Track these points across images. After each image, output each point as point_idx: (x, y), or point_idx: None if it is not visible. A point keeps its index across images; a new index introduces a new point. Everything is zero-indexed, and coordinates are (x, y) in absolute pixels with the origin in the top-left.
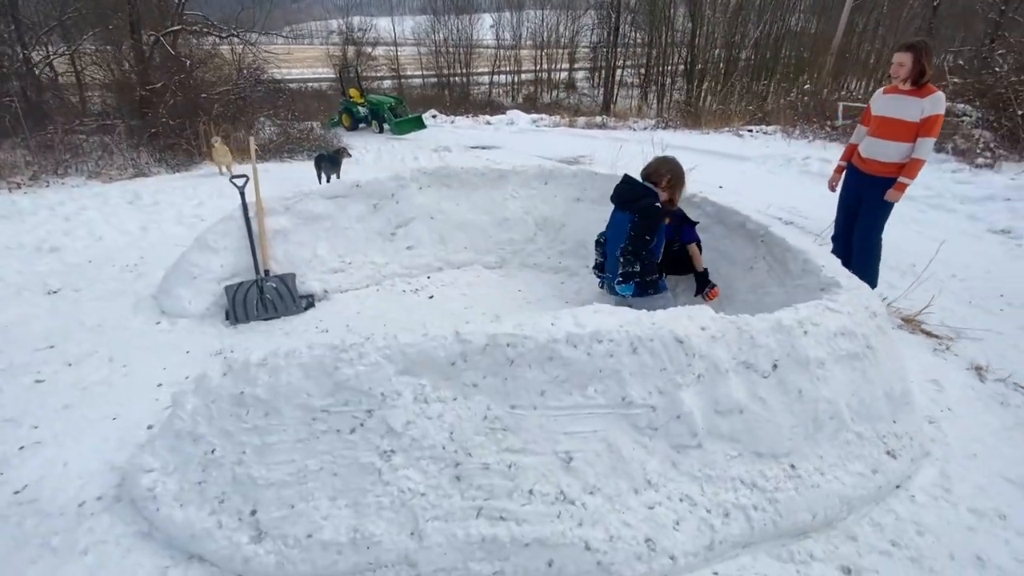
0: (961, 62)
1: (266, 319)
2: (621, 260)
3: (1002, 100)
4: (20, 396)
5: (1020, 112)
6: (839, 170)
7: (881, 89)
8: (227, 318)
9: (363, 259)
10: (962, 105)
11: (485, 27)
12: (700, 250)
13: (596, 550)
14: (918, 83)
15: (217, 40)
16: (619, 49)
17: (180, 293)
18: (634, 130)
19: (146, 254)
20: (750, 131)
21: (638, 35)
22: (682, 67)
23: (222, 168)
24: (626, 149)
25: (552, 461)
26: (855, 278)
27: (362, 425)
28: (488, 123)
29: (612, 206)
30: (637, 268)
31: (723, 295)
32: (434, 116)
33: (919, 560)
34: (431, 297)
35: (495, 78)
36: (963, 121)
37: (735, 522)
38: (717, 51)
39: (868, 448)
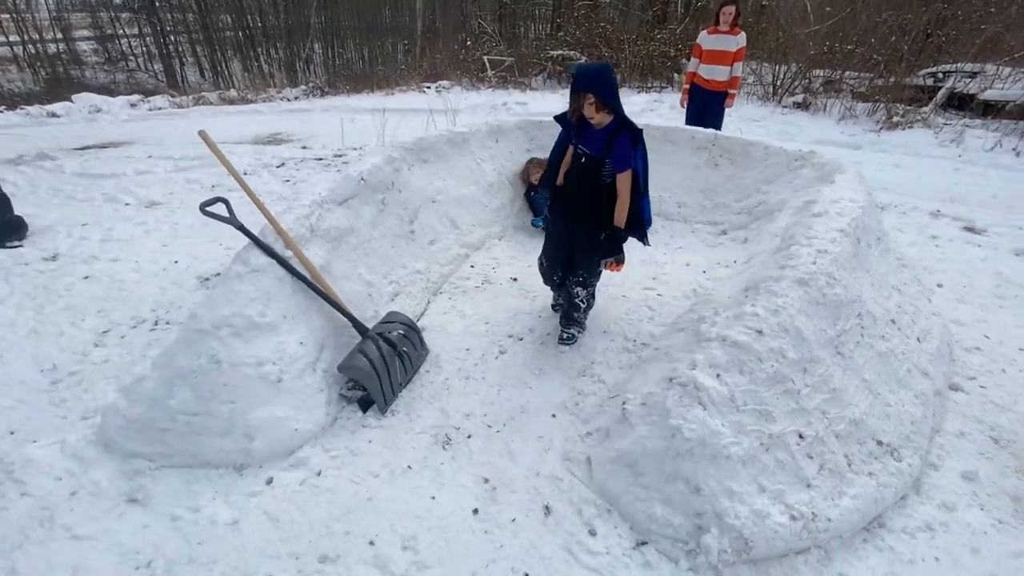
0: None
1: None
2: None
3: (595, 45)
4: None
5: (606, 53)
6: (686, 91)
7: (705, 31)
8: (365, 408)
9: (404, 272)
10: (575, 53)
11: None
12: (640, 192)
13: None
14: (733, 26)
15: None
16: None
17: (274, 415)
18: (289, 100)
19: None
20: (428, 87)
21: None
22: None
23: None
24: (323, 120)
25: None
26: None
27: (863, 328)
28: (55, 115)
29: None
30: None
31: (707, 185)
32: None
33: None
34: (515, 279)
35: None
36: (579, 62)
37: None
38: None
39: None
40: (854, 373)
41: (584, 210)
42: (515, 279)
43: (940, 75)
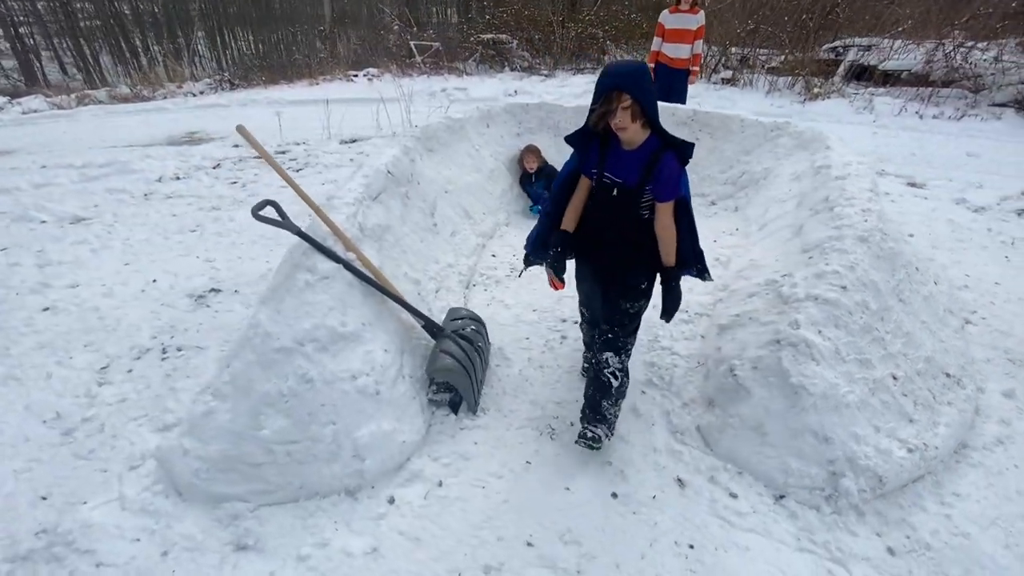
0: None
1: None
2: None
3: (524, 29)
4: None
5: (536, 36)
6: (651, 70)
7: (667, 10)
8: (455, 410)
9: (437, 267)
10: (505, 36)
11: None
12: (685, 228)
13: None
14: (693, 5)
15: None
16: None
17: (381, 430)
18: (195, 95)
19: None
20: (355, 76)
21: None
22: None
23: None
24: (246, 115)
25: None
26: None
27: (909, 276)
28: None
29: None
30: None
31: (694, 159)
32: None
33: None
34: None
35: None
36: (510, 47)
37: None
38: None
39: None
40: (914, 317)
41: (620, 257)
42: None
43: (840, 49)
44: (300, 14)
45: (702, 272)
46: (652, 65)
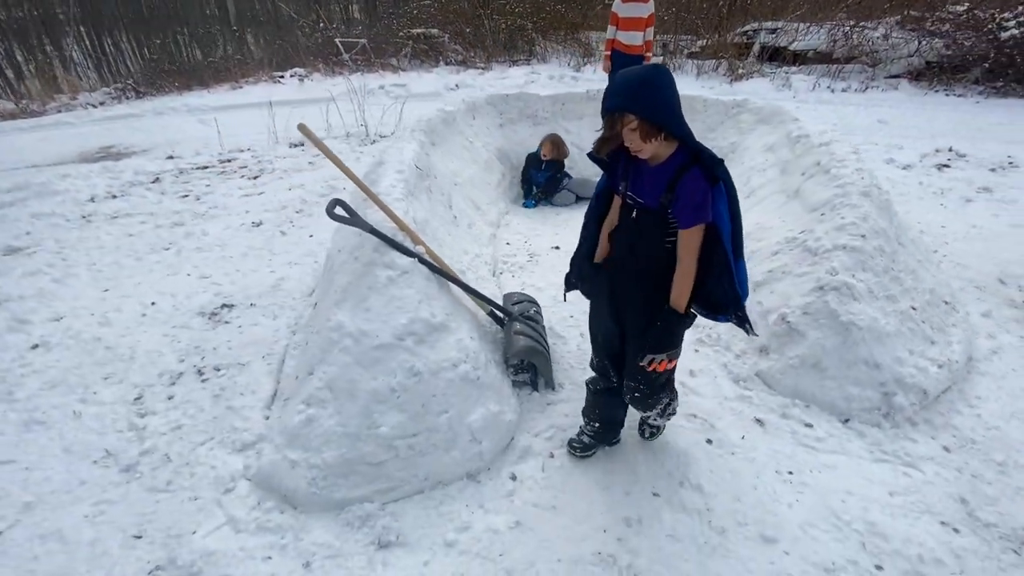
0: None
1: None
2: None
3: (452, 22)
4: None
5: (467, 30)
6: (608, 57)
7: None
8: (536, 387)
9: (467, 257)
10: (436, 31)
11: None
12: (718, 263)
13: None
14: None
15: None
16: None
17: (490, 412)
18: (95, 106)
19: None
20: (281, 77)
21: None
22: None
23: None
24: (167, 124)
25: None
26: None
27: (900, 222)
28: None
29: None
30: None
31: None
32: None
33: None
34: (557, 247)
35: None
36: (442, 41)
37: None
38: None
39: None
40: (911, 255)
41: (639, 289)
42: (557, 247)
43: (751, 33)
44: (191, 14)
45: (742, 321)
46: (608, 52)
